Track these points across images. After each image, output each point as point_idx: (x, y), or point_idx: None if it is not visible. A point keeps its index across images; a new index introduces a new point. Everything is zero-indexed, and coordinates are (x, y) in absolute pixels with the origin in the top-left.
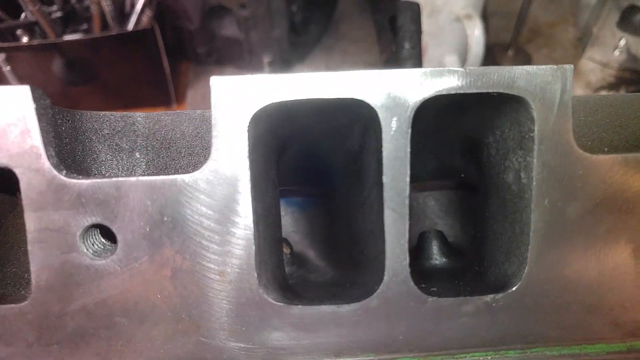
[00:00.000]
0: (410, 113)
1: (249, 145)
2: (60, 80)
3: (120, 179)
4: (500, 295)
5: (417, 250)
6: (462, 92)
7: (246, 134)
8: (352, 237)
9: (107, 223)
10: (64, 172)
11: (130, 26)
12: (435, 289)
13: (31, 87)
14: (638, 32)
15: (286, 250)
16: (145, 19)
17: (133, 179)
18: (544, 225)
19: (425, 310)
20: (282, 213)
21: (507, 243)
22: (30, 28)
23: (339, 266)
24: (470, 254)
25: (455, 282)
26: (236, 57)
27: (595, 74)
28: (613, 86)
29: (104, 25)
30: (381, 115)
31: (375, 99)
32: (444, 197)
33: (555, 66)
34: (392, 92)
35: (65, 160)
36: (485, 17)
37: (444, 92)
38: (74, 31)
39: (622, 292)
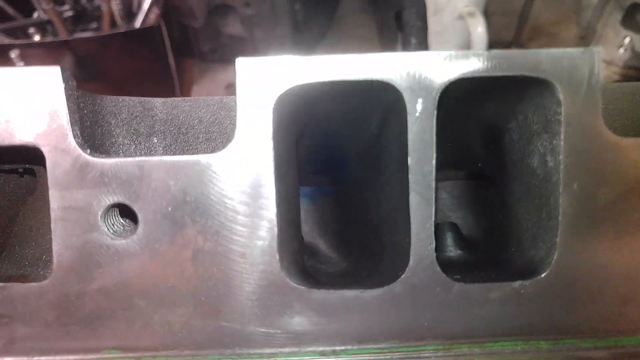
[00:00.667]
0: (435, 95)
1: (274, 126)
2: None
3: (143, 158)
4: (528, 281)
5: None
6: (486, 75)
7: (271, 115)
8: (367, 224)
9: (128, 202)
10: (88, 151)
11: (138, 24)
12: (458, 276)
13: (61, 68)
14: None
15: None
16: (152, 16)
17: (156, 158)
18: (573, 210)
19: (452, 296)
20: None
21: (534, 228)
22: (42, 26)
23: (351, 257)
24: (486, 246)
25: (474, 272)
26: (240, 55)
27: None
28: None
29: (113, 23)
30: (406, 97)
31: (400, 80)
32: (456, 189)
33: (582, 49)
34: (418, 74)
35: (87, 142)
36: (487, 15)
37: (469, 75)
38: (84, 29)
39: None
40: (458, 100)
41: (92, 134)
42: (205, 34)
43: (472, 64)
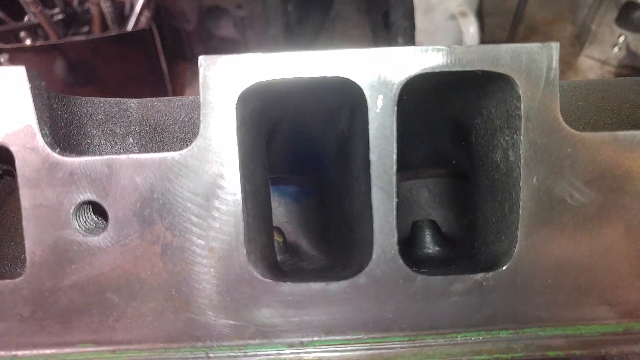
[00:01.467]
0: (395, 91)
1: (237, 123)
2: (61, 81)
3: (111, 156)
4: (490, 274)
5: (410, 239)
6: (446, 70)
7: (234, 112)
8: (343, 221)
9: (98, 200)
10: (57, 150)
11: (130, 27)
12: (425, 270)
13: (26, 68)
14: (637, 29)
15: (279, 238)
16: (143, 20)
17: (123, 156)
18: (533, 204)
19: (415, 288)
20: (276, 204)
21: (497, 223)
22: (33, 30)
23: (331, 254)
24: (462, 241)
25: (447, 267)
26: None
27: (594, 71)
28: None
29: (104, 26)
30: (367, 93)
31: (361, 77)
32: (436, 187)
33: (540, 44)
34: (378, 70)
35: (60, 143)
36: (481, 15)
37: (429, 70)
38: (75, 33)
39: (614, 272)
40: (425, 96)
41: (67, 134)
42: (198, 36)
43: (432, 59)
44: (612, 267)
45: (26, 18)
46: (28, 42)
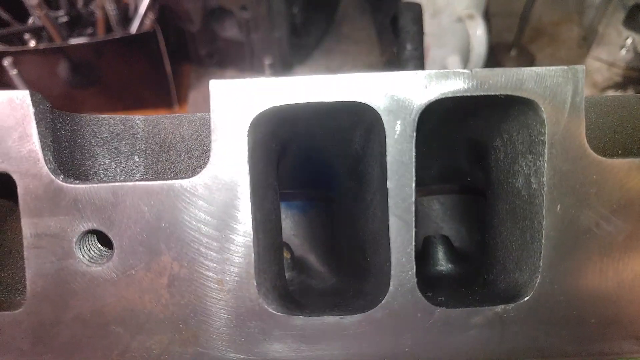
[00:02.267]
0: (414, 116)
1: (249, 150)
2: (65, 83)
3: (117, 184)
4: (511, 305)
5: (422, 255)
6: (467, 94)
7: (246, 139)
8: (355, 243)
9: (103, 229)
10: (61, 176)
11: (134, 29)
12: (442, 298)
13: (30, 92)
14: None
15: (287, 255)
16: (147, 22)
17: (130, 184)
18: (556, 233)
19: (433, 321)
20: (283, 216)
21: (518, 251)
22: (38, 32)
23: (341, 273)
24: (477, 260)
25: (462, 289)
26: (237, 59)
27: (602, 73)
28: (620, 86)
29: (108, 28)
30: (385, 118)
31: (378, 102)
32: (449, 201)
33: (566, 67)
34: (396, 95)
35: (64, 164)
36: (488, 17)
37: (449, 95)
38: (80, 35)
39: None
40: (443, 116)
41: (70, 155)
42: (202, 38)
43: (453, 84)
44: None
45: (30, 20)
46: (32, 44)
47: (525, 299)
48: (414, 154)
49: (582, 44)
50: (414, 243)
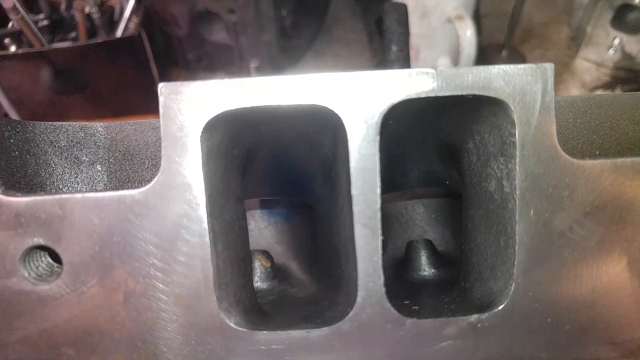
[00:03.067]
0: (377, 120)
1: (203, 157)
2: (48, 90)
3: (63, 195)
4: (485, 315)
5: (405, 260)
6: (433, 95)
7: (199, 145)
8: (330, 251)
9: (50, 244)
10: (2, 189)
11: (119, 33)
12: (416, 307)
13: None
14: (632, 31)
15: (266, 264)
16: (132, 25)
17: (78, 195)
18: (530, 239)
19: (404, 333)
20: (265, 224)
21: (492, 257)
22: (18, 37)
23: (322, 281)
24: (459, 266)
25: (442, 296)
26: (226, 63)
27: (590, 73)
28: (608, 85)
29: (93, 33)
30: (346, 122)
31: (339, 105)
32: (433, 204)
33: (534, 65)
34: (358, 97)
35: (13, 175)
36: (478, 17)
37: (414, 97)
38: (63, 39)
39: (617, 308)
40: (412, 119)
41: (22, 165)
42: (190, 42)
43: (418, 85)
44: (615, 304)
45: (10, 24)
46: (13, 49)
47: (500, 307)
48: (378, 159)
49: (571, 44)
50: (380, 252)
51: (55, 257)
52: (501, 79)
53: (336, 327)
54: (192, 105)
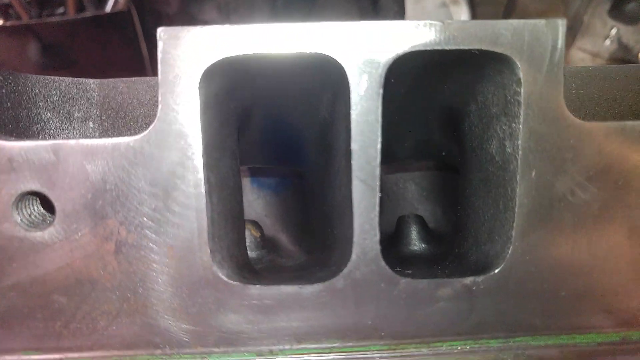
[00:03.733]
0: (382, 71)
1: (201, 105)
2: (36, 65)
3: (57, 141)
4: (481, 277)
5: (395, 235)
6: (439, 48)
7: (197, 91)
8: (323, 215)
9: (43, 190)
10: None
11: (108, 8)
12: (410, 271)
13: None
14: (629, 21)
15: (256, 233)
16: (121, 1)
17: (72, 141)
18: (530, 201)
19: (398, 292)
20: (255, 196)
21: (490, 221)
22: (5, 10)
23: (312, 251)
24: (451, 239)
25: (434, 267)
26: None
27: (586, 63)
28: None
29: (81, 8)
30: (349, 73)
31: (343, 54)
32: (424, 180)
33: (544, 20)
34: (362, 46)
35: (5, 126)
36: (473, 4)
37: (420, 48)
38: (50, 14)
39: (616, 276)
40: (414, 79)
41: (13, 116)
42: (180, 20)
43: (424, 36)
44: (613, 272)
45: None
46: (0, 22)
47: (496, 270)
48: (381, 112)
49: (567, 33)
50: (378, 208)
51: (48, 207)
52: (509, 33)
53: (329, 283)
54: (191, 51)
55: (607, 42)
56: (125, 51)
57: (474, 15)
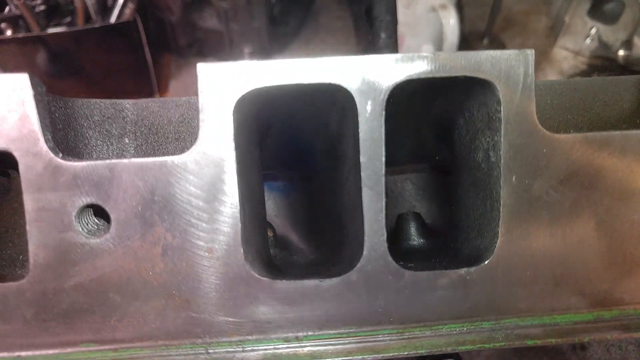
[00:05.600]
0: (384, 96)
1: (235, 128)
2: (44, 73)
3: (113, 160)
4: (473, 268)
5: (395, 232)
6: (431, 76)
7: (232, 118)
8: (333, 218)
9: (101, 203)
10: (60, 155)
11: (113, 19)
12: (412, 264)
13: (29, 75)
14: (608, 21)
15: (270, 233)
16: (127, 11)
17: (125, 160)
18: (512, 201)
19: (403, 283)
20: (266, 198)
21: (479, 219)
22: (15, 21)
23: (321, 248)
24: (446, 234)
25: (432, 260)
26: (217, 49)
27: (568, 61)
28: (585, 73)
29: (88, 18)
30: (357, 98)
31: (351, 83)
32: (421, 180)
33: (517, 50)
34: (367, 76)
35: (59, 145)
36: (460, 6)
37: (415, 77)
38: (58, 24)
39: (586, 264)
40: (411, 98)
41: (64, 136)
42: (182, 28)
43: (418, 66)
44: (584, 259)
45: (7, 9)
46: (9, 33)
47: (486, 262)
48: (384, 130)
49: (550, 33)
50: (384, 211)
51: (102, 216)
52: (489, 62)
53: (346, 276)
54: (226, 83)
55: (588, 40)
56: (130, 58)
57: (463, 17)
